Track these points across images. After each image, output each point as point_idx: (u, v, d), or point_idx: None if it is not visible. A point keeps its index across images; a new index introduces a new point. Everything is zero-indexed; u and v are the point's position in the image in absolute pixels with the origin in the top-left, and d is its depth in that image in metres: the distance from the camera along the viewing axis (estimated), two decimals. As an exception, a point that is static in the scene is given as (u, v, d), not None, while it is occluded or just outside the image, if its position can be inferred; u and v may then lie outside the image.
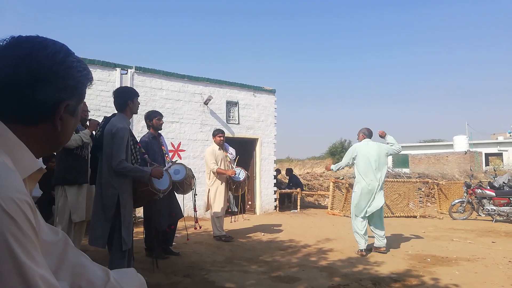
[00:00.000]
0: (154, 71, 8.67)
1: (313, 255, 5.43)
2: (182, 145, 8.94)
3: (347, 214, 9.99)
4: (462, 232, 7.61)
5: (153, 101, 8.46)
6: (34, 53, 0.75)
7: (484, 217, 9.37)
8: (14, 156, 0.69)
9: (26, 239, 0.59)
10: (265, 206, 10.44)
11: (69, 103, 0.80)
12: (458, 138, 28.36)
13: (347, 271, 4.58)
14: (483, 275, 4.47)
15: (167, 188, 3.95)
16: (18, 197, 0.61)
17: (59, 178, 4.16)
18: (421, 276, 4.41)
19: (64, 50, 0.79)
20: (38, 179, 0.78)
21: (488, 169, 20.75)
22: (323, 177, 16.14)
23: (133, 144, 3.75)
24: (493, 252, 5.66)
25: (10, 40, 0.76)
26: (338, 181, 10.91)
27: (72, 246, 0.82)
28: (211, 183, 6.33)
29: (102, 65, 7.89)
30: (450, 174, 17.63)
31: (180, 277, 4.22)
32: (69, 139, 0.88)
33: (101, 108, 7.68)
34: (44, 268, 0.62)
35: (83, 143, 4.19)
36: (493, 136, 36.89)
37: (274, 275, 4.35)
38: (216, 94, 9.58)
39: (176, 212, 5.18)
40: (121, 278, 0.86)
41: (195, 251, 5.52)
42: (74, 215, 4.11)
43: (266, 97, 10.75)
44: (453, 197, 10.97)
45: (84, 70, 0.83)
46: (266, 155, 10.58)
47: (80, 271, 0.79)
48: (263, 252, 5.52)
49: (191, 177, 4.87)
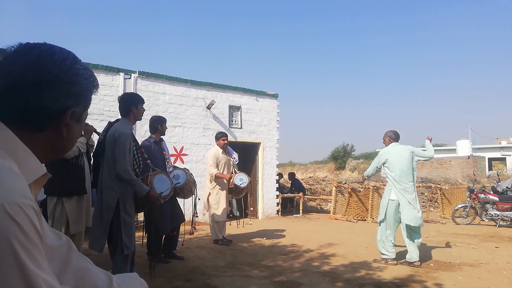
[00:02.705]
0: (157, 75, 8.71)
1: (316, 260, 5.41)
2: (184, 149, 8.96)
3: (350, 219, 9.97)
4: (465, 237, 7.57)
5: (156, 106, 8.49)
6: (42, 60, 0.76)
7: (488, 222, 9.32)
8: (20, 161, 0.70)
9: (31, 244, 0.60)
10: (267, 211, 10.42)
11: (75, 110, 0.81)
12: (461, 143, 28.29)
13: (350, 276, 4.56)
14: (487, 280, 4.44)
15: (169, 193, 3.95)
16: (24, 202, 0.61)
17: (54, 189, 3.95)
18: (424, 281, 4.39)
19: (71, 57, 0.81)
20: (43, 184, 0.79)
21: (491, 174, 20.65)
22: (326, 182, 16.13)
23: (136, 150, 3.76)
24: (496, 258, 5.63)
25: (18, 46, 0.78)
26: (341, 186, 10.88)
27: (76, 250, 0.83)
28: (212, 187, 6.32)
29: (106, 69, 7.93)
30: (453, 179, 17.55)
31: (182, 282, 4.22)
32: (74, 145, 0.89)
33: (104, 112, 7.71)
34: (49, 273, 0.62)
35: (80, 153, 4.07)
36: (496, 140, 36.70)
37: (276, 280, 4.34)
38: (218, 99, 9.61)
39: (178, 216, 5.18)
40: (124, 282, 0.87)
41: (196, 255, 5.51)
42: (73, 226, 3.96)
43: (269, 102, 10.77)
44: (456, 202, 10.93)
45: (90, 77, 0.84)
46: (269, 159, 10.58)
47: (83, 275, 0.80)
48: (265, 257, 5.51)
49: (191, 183, 4.87)
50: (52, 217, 3.97)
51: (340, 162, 31.10)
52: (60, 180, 3.82)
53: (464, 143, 28.16)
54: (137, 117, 3.80)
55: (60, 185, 3.86)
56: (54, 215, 3.97)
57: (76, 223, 4.02)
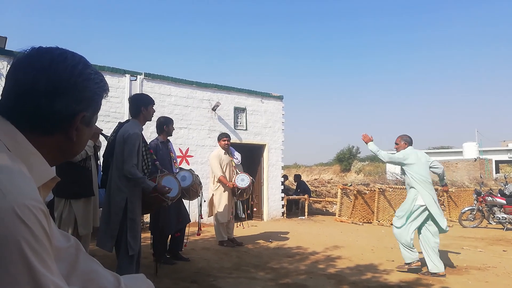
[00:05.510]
0: (163, 77, 8.75)
1: (321, 262, 5.39)
2: (190, 150, 8.98)
3: (355, 221, 9.93)
4: (472, 240, 7.51)
5: (162, 107, 8.52)
6: (54, 65, 0.76)
7: (495, 225, 9.24)
8: (30, 164, 0.71)
9: (40, 246, 0.60)
10: (272, 212, 10.41)
11: (85, 114, 0.82)
12: (467, 145, 28.05)
13: (356, 279, 4.53)
14: (494, 284, 4.40)
15: (176, 195, 3.96)
16: (33, 205, 0.62)
17: (63, 190, 3.95)
18: (431, 285, 4.36)
19: (82, 62, 0.81)
20: (51, 187, 0.79)
21: (498, 176, 20.45)
22: (331, 184, 16.08)
23: (145, 150, 3.78)
24: (504, 261, 5.57)
25: (30, 51, 0.78)
26: (346, 188, 10.84)
27: (84, 251, 0.83)
28: (216, 188, 6.33)
29: (112, 71, 7.99)
30: (459, 182, 17.40)
31: (188, 283, 4.22)
32: (83, 149, 0.90)
33: (110, 114, 7.76)
34: (57, 275, 0.63)
35: (87, 156, 4.07)
36: (504, 143, 36.38)
37: (282, 282, 4.33)
38: (224, 100, 9.62)
39: (184, 217, 5.18)
40: (131, 283, 0.87)
41: (202, 257, 5.52)
42: (81, 227, 3.99)
43: (274, 103, 10.77)
44: (463, 204, 10.84)
45: (101, 81, 0.85)
46: (274, 161, 10.57)
47: (91, 277, 0.80)
48: (270, 259, 5.50)
49: (197, 184, 4.87)
50: (60, 219, 3.99)
51: (346, 164, 31.03)
52: (68, 183, 3.80)
53: (470, 146, 27.91)
54: (147, 118, 3.82)
55: (68, 187, 3.87)
56: (61, 217, 4.00)
57: (84, 225, 4.04)
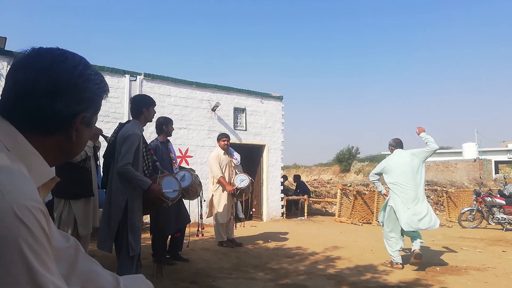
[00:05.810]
0: (162, 77, 8.75)
1: (321, 263, 5.39)
2: (189, 151, 8.98)
3: (355, 222, 9.93)
4: (471, 240, 7.51)
5: (162, 108, 8.51)
6: (54, 66, 0.76)
7: (494, 226, 9.24)
8: (29, 165, 0.71)
9: (39, 247, 0.60)
10: (272, 213, 10.41)
11: (85, 115, 0.82)
12: (467, 146, 28.08)
13: (355, 279, 4.53)
14: (494, 285, 4.40)
15: (177, 196, 3.95)
16: (33, 205, 0.62)
17: (63, 191, 3.96)
18: (430, 285, 4.36)
19: (83, 63, 0.82)
20: (51, 188, 0.79)
21: (498, 177, 20.48)
22: (331, 184, 16.09)
23: (146, 151, 3.77)
24: (503, 262, 5.58)
25: (30, 51, 0.78)
26: (346, 188, 10.85)
27: (83, 252, 0.83)
28: (215, 188, 6.32)
29: (112, 71, 7.98)
30: (459, 182, 17.44)
31: (187, 284, 4.22)
32: (83, 149, 0.90)
33: (110, 114, 7.75)
34: (57, 275, 0.63)
35: (87, 156, 4.08)
36: (503, 143, 36.43)
37: (281, 283, 4.33)
38: (223, 101, 9.62)
39: (184, 217, 5.18)
40: (130, 284, 0.87)
41: (201, 257, 5.51)
42: (81, 228, 3.99)
43: (274, 104, 10.77)
44: (463, 205, 10.85)
45: (101, 82, 0.85)
46: (273, 161, 10.57)
47: (91, 277, 0.80)
48: (270, 259, 5.49)
49: (197, 184, 4.87)
50: (59, 219, 3.99)
51: (345, 165, 30.97)
52: (68, 183, 3.82)
53: (470, 146, 27.94)
54: (147, 119, 3.82)
55: (68, 187, 3.87)
56: (61, 217, 3.99)
57: (84, 225, 4.04)
